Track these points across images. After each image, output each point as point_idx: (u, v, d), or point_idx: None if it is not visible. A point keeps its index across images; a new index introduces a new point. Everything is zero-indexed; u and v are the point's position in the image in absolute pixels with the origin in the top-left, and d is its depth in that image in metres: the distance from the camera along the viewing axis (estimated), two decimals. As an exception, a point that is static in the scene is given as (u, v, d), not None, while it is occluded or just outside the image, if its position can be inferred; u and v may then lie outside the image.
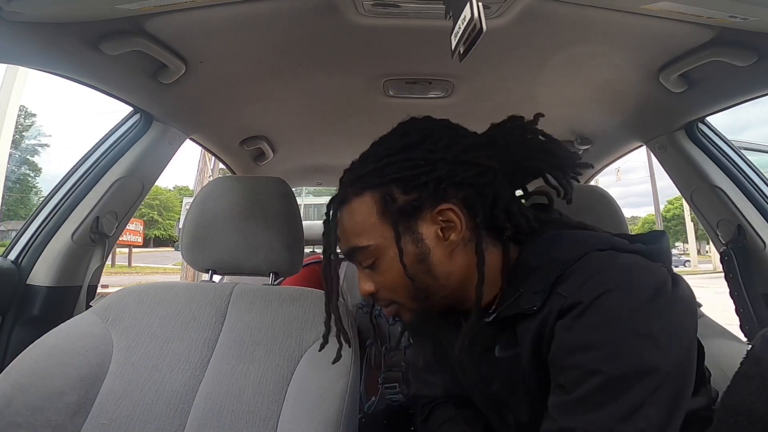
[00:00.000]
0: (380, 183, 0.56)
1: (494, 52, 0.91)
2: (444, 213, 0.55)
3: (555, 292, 0.50)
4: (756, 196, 1.09)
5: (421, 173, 0.55)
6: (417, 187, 0.55)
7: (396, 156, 0.56)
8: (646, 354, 0.44)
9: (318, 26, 0.83)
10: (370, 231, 0.56)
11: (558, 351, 0.49)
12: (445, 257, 0.56)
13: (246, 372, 0.72)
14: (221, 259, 0.87)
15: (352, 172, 0.60)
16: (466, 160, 0.56)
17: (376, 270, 0.58)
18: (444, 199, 0.55)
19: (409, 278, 0.54)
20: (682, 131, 1.13)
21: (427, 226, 0.55)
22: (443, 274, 0.56)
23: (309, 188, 21.97)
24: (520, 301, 0.53)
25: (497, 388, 0.60)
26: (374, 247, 0.56)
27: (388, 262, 0.56)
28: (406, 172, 0.55)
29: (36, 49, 0.76)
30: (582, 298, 0.47)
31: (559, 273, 0.51)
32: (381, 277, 0.58)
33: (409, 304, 0.58)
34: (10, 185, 22.28)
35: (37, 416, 0.64)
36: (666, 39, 0.82)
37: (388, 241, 0.55)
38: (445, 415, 0.73)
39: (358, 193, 0.57)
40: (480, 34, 0.49)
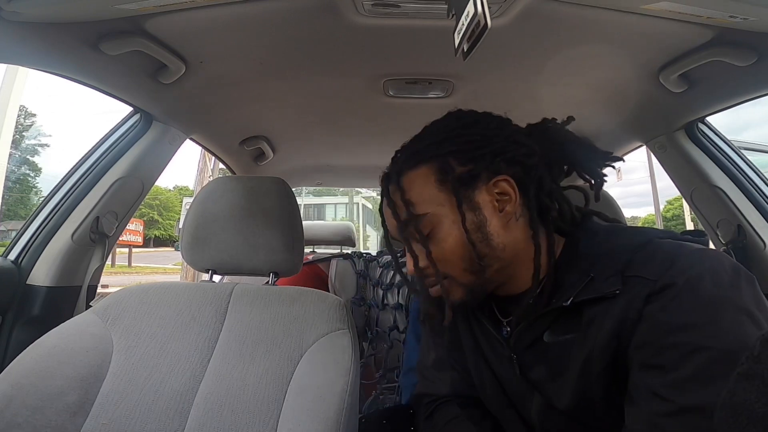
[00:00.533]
0: (437, 155, 0.58)
1: (494, 52, 0.92)
2: (499, 185, 0.57)
3: (633, 276, 0.51)
4: (756, 196, 1.09)
5: (478, 146, 0.58)
6: (473, 159, 0.57)
7: (453, 132, 0.60)
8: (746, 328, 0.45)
9: (318, 26, 0.83)
10: (429, 199, 0.58)
11: (654, 332, 0.48)
12: (500, 228, 0.58)
13: (246, 372, 0.72)
14: (221, 259, 0.87)
15: (407, 150, 0.63)
16: (517, 140, 0.59)
17: (432, 240, 0.58)
18: (499, 172, 0.57)
19: (470, 243, 0.56)
20: (682, 131, 1.13)
21: (483, 197, 0.57)
22: (499, 245, 0.57)
23: (309, 188, 21.98)
24: (596, 286, 0.53)
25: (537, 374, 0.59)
26: (432, 215, 0.57)
27: (446, 230, 0.57)
28: (463, 146, 0.58)
29: (36, 49, 0.76)
30: (674, 279, 0.48)
31: (628, 258, 0.52)
32: (437, 247, 0.58)
33: (463, 278, 0.58)
34: (10, 185, 22.28)
35: (37, 416, 0.64)
36: (666, 39, 0.82)
37: (446, 209, 0.57)
38: (449, 414, 0.73)
39: (414, 166, 0.59)
40: (485, 29, 0.48)
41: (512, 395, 0.65)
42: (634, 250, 0.53)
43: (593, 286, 0.53)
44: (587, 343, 0.54)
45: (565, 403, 0.56)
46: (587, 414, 0.56)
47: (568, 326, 0.56)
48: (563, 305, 0.54)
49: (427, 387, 0.78)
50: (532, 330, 0.59)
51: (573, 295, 0.54)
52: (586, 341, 0.54)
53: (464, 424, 0.70)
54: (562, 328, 0.57)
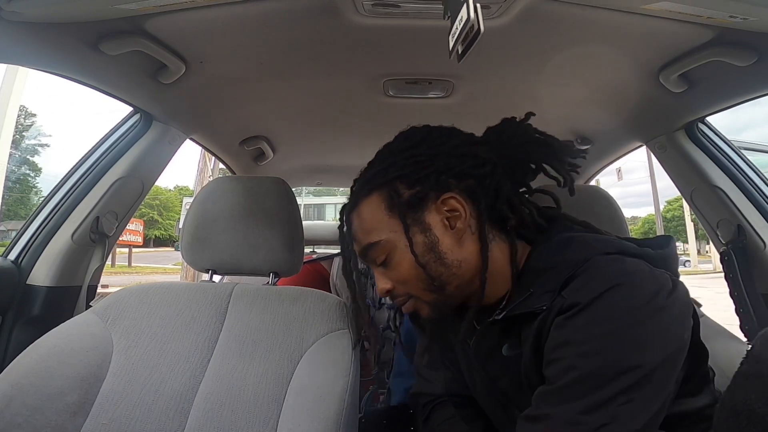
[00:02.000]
0: (385, 182, 0.60)
1: (494, 53, 0.91)
2: (447, 202, 0.58)
3: (560, 293, 0.52)
4: (756, 196, 1.09)
5: (422, 167, 0.58)
6: (419, 181, 0.58)
7: (398, 156, 0.61)
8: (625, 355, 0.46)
9: (318, 26, 0.83)
10: (380, 227, 0.59)
11: (548, 346, 0.51)
12: (453, 245, 0.58)
13: (246, 372, 0.72)
14: (221, 259, 0.87)
15: (360, 179, 0.64)
16: (463, 152, 0.59)
17: (389, 265, 0.60)
18: (446, 190, 0.58)
19: (420, 266, 0.57)
20: (682, 131, 1.13)
21: (432, 216, 0.58)
22: (454, 262, 0.58)
23: (309, 188, 21.97)
24: (530, 301, 0.55)
25: (504, 386, 0.61)
26: (385, 242, 0.59)
27: (400, 255, 0.58)
28: (408, 169, 0.59)
29: (36, 49, 0.76)
30: (580, 299, 0.49)
31: (568, 275, 0.53)
32: (394, 271, 0.60)
33: (425, 296, 0.60)
34: (10, 185, 22.29)
35: (37, 416, 0.64)
36: (666, 39, 0.82)
37: (397, 234, 0.58)
38: (444, 414, 0.74)
39: (366, 195, 0.61)
40: (478, 35, 0.49)
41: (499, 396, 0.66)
42: (576, 266, 0.53)
43: (527, 302, 0.55)
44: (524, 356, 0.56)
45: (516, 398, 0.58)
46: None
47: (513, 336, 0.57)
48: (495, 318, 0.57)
49: (424, 386, 0.79)
50: (486, 340, 0.60)
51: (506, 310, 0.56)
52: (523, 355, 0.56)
53: (457, 424, 0.71)
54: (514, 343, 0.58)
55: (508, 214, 0.59)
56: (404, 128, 0.67)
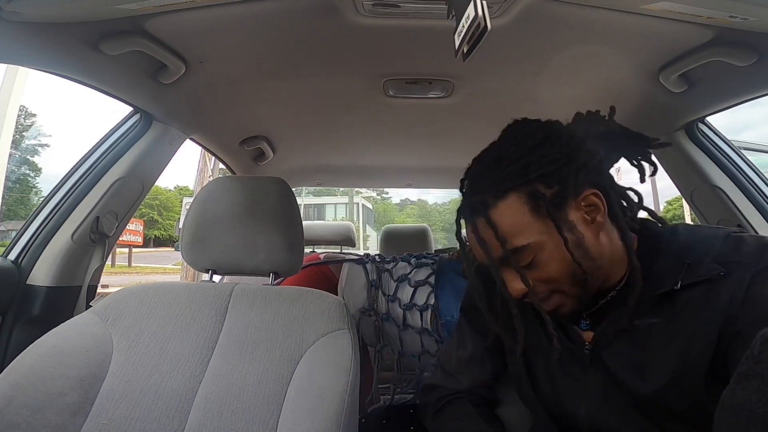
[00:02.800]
0: (524, 182, 0.58)
1: (494, 52, 0.92)
2: (587, 198, 0.59)
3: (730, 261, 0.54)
4: (756, 196, 1.09)
5: (561, 165, 0.58)
6: (560, 180, 0.58)
7: (532, 155, 0.59)
8: None
9: (318, 26, 0.83)
10: (527, 229, 0.58)
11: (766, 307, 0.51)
12: (594, 238, 0.59)
13: (246, 372, 0.72)
14: (221, 259, 0.87)
15: (484, 180, 0.61)
16: (589, 148, 0.60)
17: (536, 266, 0.59)
18: (585, 186, 0.59)
19: (577, 263, 0.57)
20: (682, 131, 1.13)
21: (574, 213, 0.58)
22: (598, 255, 0.59)
23: (309, 188, 21.97)
24: (697, 271, 0.55)
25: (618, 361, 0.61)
26: (535, 244, 0.58)
27: (549, 255, 0.58)
28: (547, 168, 0.58)
29: (36, 49, 0.76)
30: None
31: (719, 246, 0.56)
32: (542, 272, 0.59)
33: (572, 291, 0.60)
34: (10, 185, 22.28)
35: (37, 416, 0.63)
36: (666, 39, 0.82)
37: (546, 235, 0.57)
38: (461, 410, 0.74)
39: (502, 196, 0.58)
40: (485, 32, 0.49)
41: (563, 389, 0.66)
42: (721, 240, 0.57)
43: (694, 271, 0.56)
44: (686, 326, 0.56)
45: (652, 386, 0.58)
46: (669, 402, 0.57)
47: (657, 311, 0.58)
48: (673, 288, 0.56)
49: (446, 380, 0.79)
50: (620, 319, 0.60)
51: (679, 280, 0.56)
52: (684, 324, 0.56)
53: (475, 422, 0.71)
54: (650, 314, 0.59)
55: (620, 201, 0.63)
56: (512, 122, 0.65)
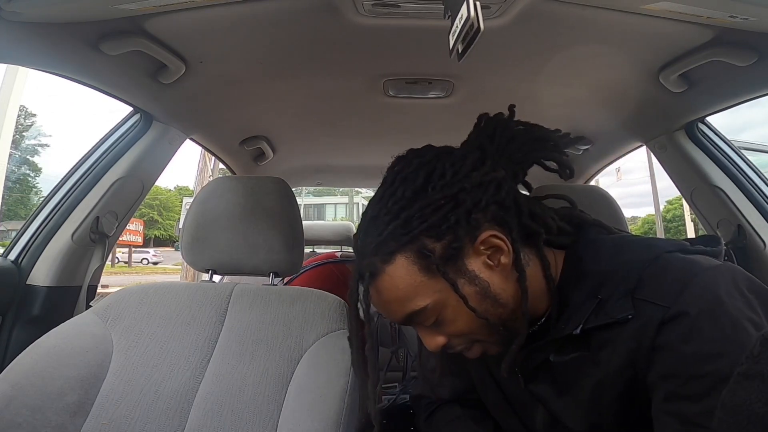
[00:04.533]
0: (409, 240, 0.51)
1: (494, 52, 0.91)
2: (486, 241, 0.52)
3: (644, 300, 0.49)
4: (756, 196, 1.09)
5: (448, 213, 0.51)
6: (450, 229, 0.51)
7: (413, 206, 0.52)
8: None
9: (318, 26, 0.83)
10: (422, 290, 0.52)
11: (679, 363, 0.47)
12: (503, 282, 0.53)
13: (246, 372, 0.72)
14: (221, 259, 0.87)
15: (368, 241, 0.54)
16: (481, 180, 0.53)
17: (442, 324, 0.54)
18: (480, 229, 0.52)
19: (482, 318, 0.52)
20: (682, 131, 1.13)
21: (473, 262, 0.52)
22: (509, 299, 0.54)
23: (309, 188, 21.99)
24: (606, 310, 0.51)
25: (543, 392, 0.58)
26: (432, 305, 0.53)
27: (453, 312, 0.53)
28: (431, 219, 0.51)
29: (36, 49, 0.76)
30: (687, 308, 0.46)
31: (638, 276, 0.50)
32: (451, 328, 0.55)
33: (492, 339, 0.55)
34: (10, 185, 22.28)
35: (37, 416, 0.63)
36: (666, 39, 0.82)
37: (443, 293, 0.52)
38: (451, 413, 0.73)
39: (389, 260, 0.52)
40: (477, 33, 0.49)
41: (517, 406, 0.64)
42: (642, 268, 0.50)
43: (603, 310, 0.51)
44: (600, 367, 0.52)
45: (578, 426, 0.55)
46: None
47: (575, 345, 0.54)
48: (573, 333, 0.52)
49: (428, 390, 0.77)
50: (539, 352, 0.57)
51: (582, 321, 0.52)
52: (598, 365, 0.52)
53: (466, 424, 0.70)
54: (569, 348, 0.55)
55: (536, 227, 0.55)
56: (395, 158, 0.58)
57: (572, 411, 0.55)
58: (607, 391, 0.52)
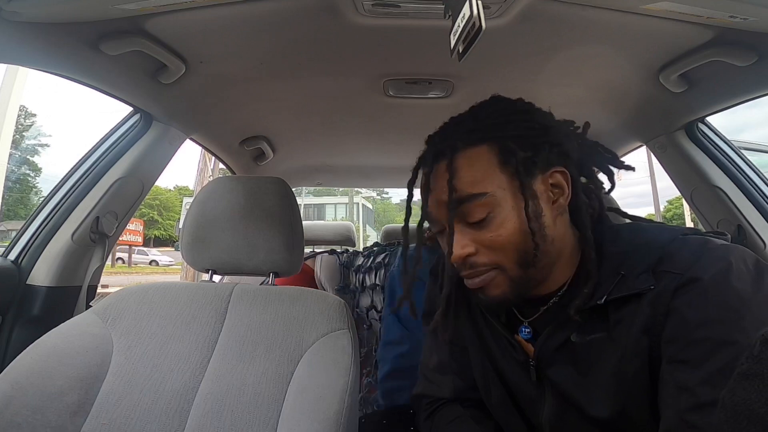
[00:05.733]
0: (500, 136, 0.55)
1: (494, 53, 0.92)
2: (554, 176, 0.56)
3: (662, 271, 0.51)
4: (756, 196, 1.09)
5: (539, 135, 0.56)
6: (534, 146, 0.55)
7: (512, 116, 0.57)
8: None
9: (318, 26, 0.83)
10: (490, 178, 0.54)
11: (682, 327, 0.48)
12: (552, 220, 0.55)
13: (246, 372, 0.72)
14: (221, 259, 0.87)
15: (460, 126, 0.59)
16: (567, 132, 0.59)
17: (487, 225, 0.54)
18: (554, 164, 0.56)
19: (530, 231, 0.52)
20: (682, 131, 1.13)
21: (539, 186, 0.55)
22: (549, 238, 0.55)
23: (309, 188, 21.99)
24: (628, 284, 0.52)
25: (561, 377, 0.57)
26: (491, 196, 0.53)
27: (504, 216, 0.53)
28: (524, 132, 0.56)
29: (36, 49, 0.76)
30: (700, 274, 0.48)
31: (658, 255, 0.52)
32: (492, 233, 0.54)
33: (512, 270, 0.54)
34: (10, 185, 22.28)
35: (37, 416, 0.64)
36: (666, 39, 0.82)
37: (507, 193, 0.54)
38: (452, 413, 0.72)
39: (474, 143, 0.55)
40: (479, 32, 0.49)
41: (522, 400, 0.64)
42: (662, 247, 0.52)
43: (625, 283, 0.52)
44: (619, 343, 0.52)
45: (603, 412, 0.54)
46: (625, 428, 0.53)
47: (596, 326, 0.54)
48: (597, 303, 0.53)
49: (429, 389, 0.77)
50: (561, 331, 0.57)
51: (606, 293, 0.53)
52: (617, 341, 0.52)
53: (467, 424, 0.70)
54: (589, 328, 0.55)
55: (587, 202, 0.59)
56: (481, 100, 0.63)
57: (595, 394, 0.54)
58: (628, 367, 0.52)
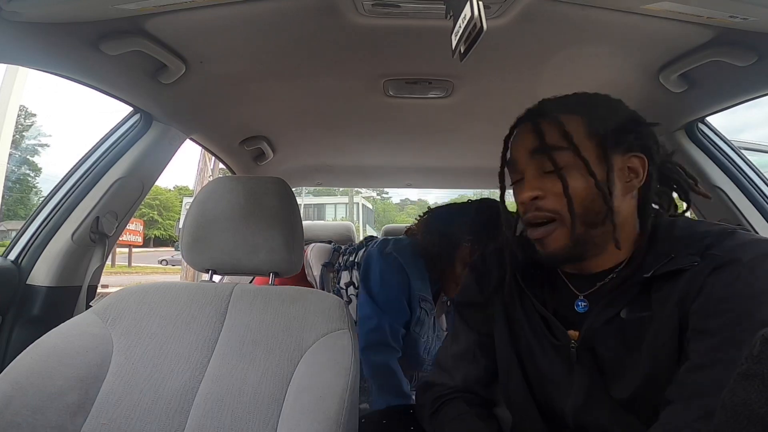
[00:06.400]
0: (591, 113, 0.63)
1: (494, 53, 0.92)
2: (632, 160, 0.62)
3: (707, 254, 0.55)
4: (756, 196, 1.09)
5: (626, 121, 0.63)
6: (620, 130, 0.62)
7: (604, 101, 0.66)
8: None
9: (318, 26, 0.83)
10: (575, 140, 0.60)
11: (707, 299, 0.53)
12: (621, 195, 0.62)
13: (246, 372, 0.72)
14: (221, 259, 0.87)
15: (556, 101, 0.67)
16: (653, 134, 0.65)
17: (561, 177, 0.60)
18: (634, 150, 0.62)
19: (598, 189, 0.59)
20: (682, 131, 1.13)
21: (618, 162, 0.62)
22: (616, 209, 0.61)
23: (309, 188, 22.00)
24: (677, 261, 0.56)
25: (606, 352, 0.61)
26: (572, 153, 0.60)
27: (578, 174, 0.60)
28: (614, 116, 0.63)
29: (36, 49, 0.76)
30: (739, 256, 0.53)
31: (710, 242, 0.56)
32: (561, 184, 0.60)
33: (571, 226, 0.60)
34: (10, 185, 22.29)
35: (37, 416, 0.64)
36: (666, 39, 0.82)
37: (587, 155, 0.60)
38: (457, 410, 0.74)
39: (568, 113, 0.63)
40: (480, 32, 0.49)
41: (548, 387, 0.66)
42: (714, 236, 0.57)
43: (673, 263, 0.57)
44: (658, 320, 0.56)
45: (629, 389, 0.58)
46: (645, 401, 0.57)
47: (645, 304, 0.58)
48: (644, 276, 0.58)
49: (440, 377, 0.80)
50: (612, 307, 0.61)
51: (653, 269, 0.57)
52: (657, 318, 0.57)
53: (472, 421, 0.71)
54: (638, 306, 0.59)
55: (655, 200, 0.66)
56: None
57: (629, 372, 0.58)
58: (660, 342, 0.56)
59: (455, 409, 0.74)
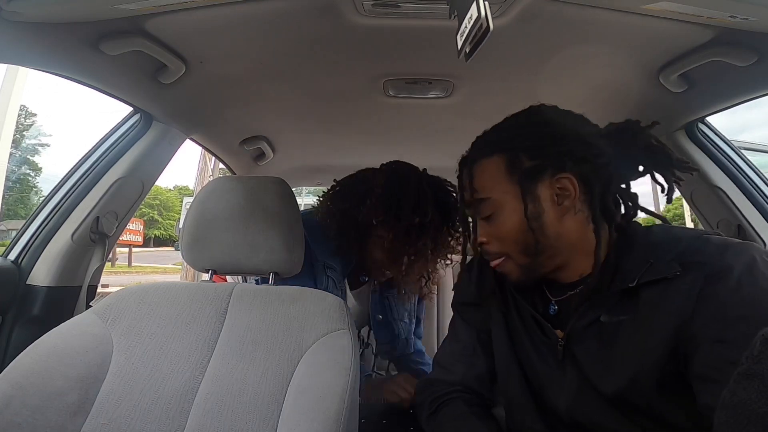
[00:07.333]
0: (510, 148, 0.65)
1: (494, 52, 0.92)
2: (561, 181, 0.63)
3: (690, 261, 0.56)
4: (756, 196, 1.09)
5: (547, 145, 0.64)
6: (542, 156, 0.63)
7: (527, 128, 0.66)
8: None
9: (318, 26, 0.83)
10: (496, 186, 0.65)
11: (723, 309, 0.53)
12: (556, 219, 0.64)
13: (246, 372, 0.72)
14: (221, 259, 0.87)
15: (484, 139, 0.70)
16: (588, 141, 0.64)
17: (492, 221, 0.66)
18: (563, 170, 0.63)
19: (530, 229, 0.62)
20: (682, 131, 1.13)
21: (544, 190, 0.63)
22: (553, 234, 0.63)
23: (309, 188, 22.00)
24: (657, 269, 0.58)
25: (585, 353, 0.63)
26: (495, 200, 0.65)
27: (507, 215, 0.64)
28: (534, 142, 0.64)
29: (36, 49, 0.76)
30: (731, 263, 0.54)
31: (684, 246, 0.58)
32: (496, 229, 0.66)
33: (519, 258, 0.65)
34: (10, 185, 22.28)
35: (37, 416, 0.64)
36: (666, 39, 0.82)
37: (509, 196, 0.64)
38: (456, 411, 0.75)
39: (488, 154, 0.67)
40: (487, 32, 0.49)
41: (542, 382, 0.68)
42: (688, 240, 0.59)
43: (654, 269, 0.58)
44: (645, 322, 0.58)
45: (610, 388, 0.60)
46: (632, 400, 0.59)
47: (624, 308, 0.60)
48: (629, 286, 0.59)
49: (440, 374, 0.81)
50: (592, 311, 0.63)
51: (637, 278, 0.59)
52: (643, 321, 0.58)
53: (471, 421, 0.72)
54: (618, 310, 0.61)
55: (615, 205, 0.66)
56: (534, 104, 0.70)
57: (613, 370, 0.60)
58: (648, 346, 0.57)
59: (454, 410, 0.75)
